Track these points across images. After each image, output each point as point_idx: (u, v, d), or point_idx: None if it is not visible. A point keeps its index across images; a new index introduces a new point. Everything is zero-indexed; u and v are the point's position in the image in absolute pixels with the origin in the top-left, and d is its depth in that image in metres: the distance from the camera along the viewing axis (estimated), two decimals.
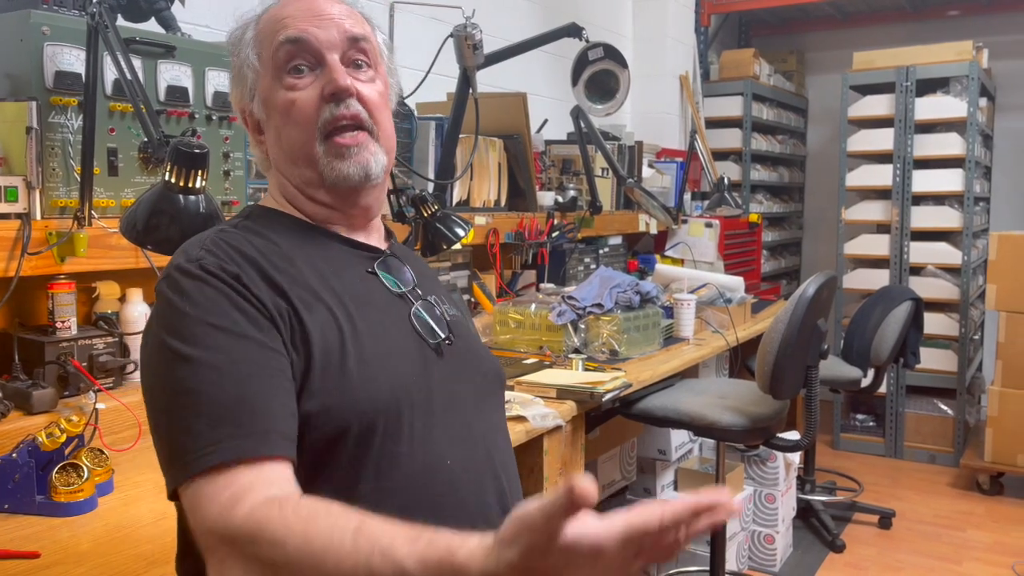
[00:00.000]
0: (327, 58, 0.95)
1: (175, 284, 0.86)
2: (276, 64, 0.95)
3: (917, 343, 3.51)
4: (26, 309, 1.62)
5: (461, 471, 0.93)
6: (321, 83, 0.95)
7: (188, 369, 0.81)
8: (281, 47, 0.95)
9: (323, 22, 0.96)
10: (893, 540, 3.48)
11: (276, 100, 0.96)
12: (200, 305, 0.84)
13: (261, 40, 0.97)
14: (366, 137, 0.96)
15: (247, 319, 0.84)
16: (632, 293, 2.49)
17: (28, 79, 1.52)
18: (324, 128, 0.94)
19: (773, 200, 5.29)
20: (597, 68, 2.75)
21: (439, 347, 0.99)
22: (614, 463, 2.77)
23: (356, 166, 0.95)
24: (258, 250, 0.91)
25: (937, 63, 4.36)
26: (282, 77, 0.95)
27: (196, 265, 0.87)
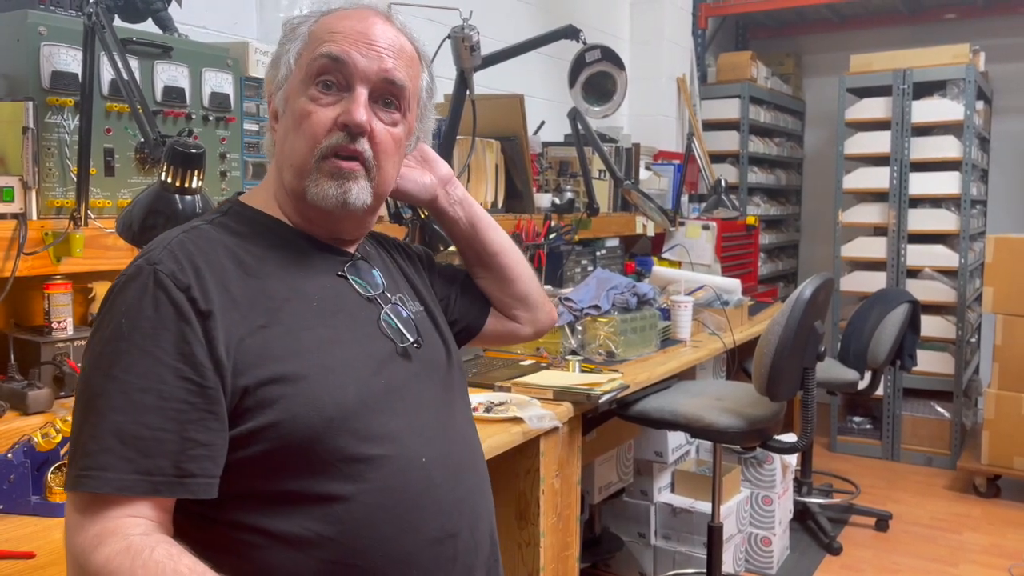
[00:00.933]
0: (356, 88, 0.95)
1: (125, 286, 0.87)
2: (310, 71, 0.96)
3: (914, 346, 3.52)
4: (22, 309, 1.62)
5: (437, 468, 0.95)
6: (341, 108, 0.95)
7: (102, 383, 0.83)
8: (319, 58, 0.95)
9: (370, 51, 0.96)
10: (890, 542, 3.48)
11: (296, 105, 0.96)
12: (134, 319, 0.84)
13: (309, 41, 0.97)
14: (360, 169, 0.96)
15: (177, 343, 0.84)
16: (629, 295, 2.49)
17: (24, 79, 1.52)
18: (326, 150, 0.95)
19: (770, 203, 5.30)
20: (594, 70, 2.75)
21: (407, 350, 1.01)
22: (611, 465, 2.77)
23: (338, 189, 0.95)
24: (227, 253, 0.92)
25: (934, 66, 4.37)
26: (309, 86, 0.96)
27: (151, 270, 0.86)
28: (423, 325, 1.08)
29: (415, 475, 0.93)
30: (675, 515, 2.92)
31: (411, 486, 0.92)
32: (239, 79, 1.87)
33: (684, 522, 2.91)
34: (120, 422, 0.81)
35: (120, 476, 0.80)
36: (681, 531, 2.92)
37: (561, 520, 1.95)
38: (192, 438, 0.82)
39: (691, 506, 2.90)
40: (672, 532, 2.94)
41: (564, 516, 1.96)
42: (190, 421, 0.82)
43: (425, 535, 0.93)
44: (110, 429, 0.81)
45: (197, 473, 0.83)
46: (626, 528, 3.01)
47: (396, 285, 1.09)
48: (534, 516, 1.87)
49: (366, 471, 0.89)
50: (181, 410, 0.82)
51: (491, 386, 2.03)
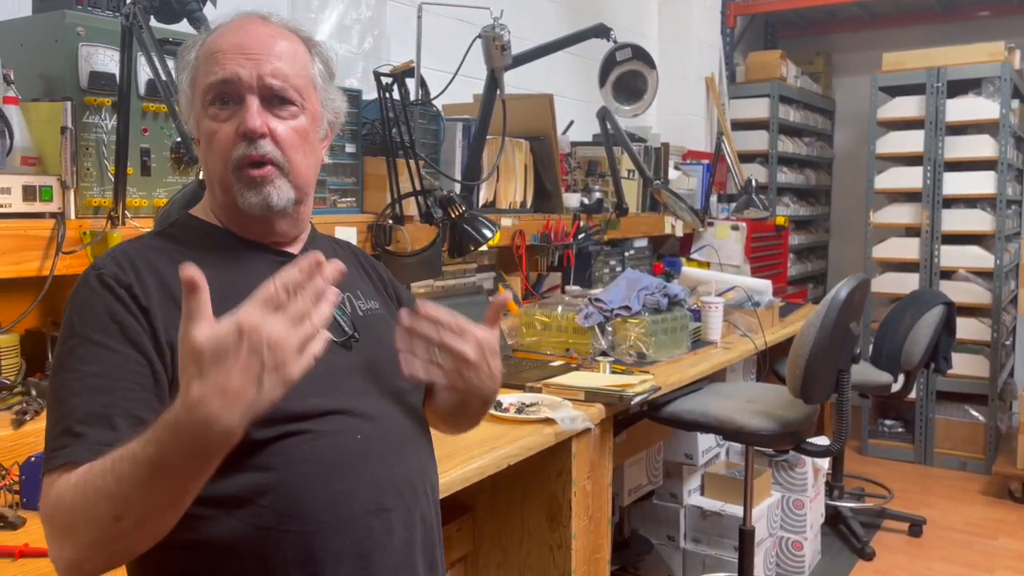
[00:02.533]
0: (246, 98, 1.01)
1: (76, 291, 0.96)
2: (205, 96, 1.02)
3: (949, 348, 3.46)
4: (59, 308, 1.63)
5: (373, 445, 1.00)
6: (238, 120, 1.01)
7: (62, 376, 0.91)
8: (210, 88, 1.01)
9: (247, 61, 1.00)
10: (924, 548, 3.42)
11: (203, 127, 1.03)
12: (84, 316, 0.93)
13: (197, 67, 1.04)
14: (273, 171, 1.02)
15: (122, 331, 0.92)
16: (660, 295, 2.47)
17: (63, 79, 1.53)
18: (236, 163, 1.01)
19: (800, 203, 5.24)
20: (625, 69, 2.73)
21: (347, 343, 1.06)
22: (640, 467, 2.75)
23: (259, 196, 1.01)
24: (168, 257, 0.99)
25: (969, 64, 4.30)
26: (208, 106, 1.02)
27: (96, 274, 0.96)
28: (373, 323, 1.12)
29: (350, 448, 0.97)
30: (705, 518, 2.90)
31: (344, 458, 0.96)
32: None
33: (714, 525, 2.88)
34: (75, 404, 0.88)
35: (75, 450, 0.85)
36: (711, 534, 2.89)
37: (592, 522, 1.93)
38: (139, 416, 0.88)
39: (721, 509, 2.87)
40: (702, 535, 2.91)
41: (595, 518, 1.94)
42: (137, 400, 0.89)
43: (359, 505, 0.97)
44: (68, 412, 0.88)
45: None
46: (655, 531, 2.98)
47: (347, 285, 1.12)
48: (566, 518, 1.86)
49: (300, 443, 0.95)
50: (130, 389, 0.90)
51: (522, 387, 2.02)
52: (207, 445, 0.75)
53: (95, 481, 0.80)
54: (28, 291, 1.52)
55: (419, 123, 2.29)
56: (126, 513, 0.79)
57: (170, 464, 0.76)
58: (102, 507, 0.79)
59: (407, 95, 2.15)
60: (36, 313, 1.56)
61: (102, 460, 0.81)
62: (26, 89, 1.57)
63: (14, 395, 1.47)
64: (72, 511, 0.81)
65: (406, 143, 2.10)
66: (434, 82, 2.38)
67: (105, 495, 0.79)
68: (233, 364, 0.73)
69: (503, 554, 1.95)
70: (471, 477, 1.52)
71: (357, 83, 2.53)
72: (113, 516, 0.79)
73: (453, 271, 2.53)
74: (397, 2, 2.81)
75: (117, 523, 0.79)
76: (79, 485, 0.82)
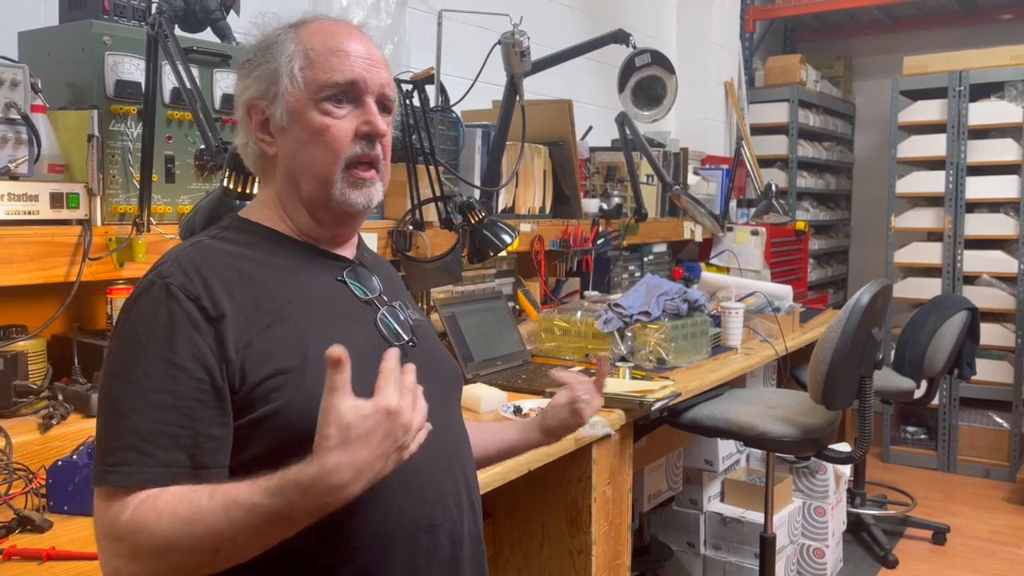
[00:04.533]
0: (367, 100, 1.03)
1: (140, 298, 0.94)
2: (322, 91, 1.01)
3: (973, 354, 3.42)
4: (86, 313, 1.66)
5: (424, 461, 0.98)
6: (357, 120, 1.02)
7: (122, 387, 0.90)
8: (333, 86, 1.01)
9: (372, 67, 1.03)
10: (947, 556, 3.39)
11: (310, 119, 1.01)
12: (150, 328, 0.91)
13: (311, 60, 1.01)
14: (376, 176, 1.05)
15: (189, 347, 0.90)
16: (680, 301, 2.46)
17: (89, 88, 1.56)
18: (349, 160, 1.02)
19: (820, 207, 5.21)
20: (644, 74, 2.73)
21: (404, 349, 1.06)
22: (660, 473, 2.74)
23: (364, 197, 1.03)
24: (231, 263, 0.98)
25: (991, 67, 4.26)
26: (320, 101, 1.01)
27: (163, 283, 0.93)
28: (422, 331, 1.13)
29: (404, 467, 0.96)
30: (725, 524, 2.88)
31: (396, 475, 0.93)
32: None
33: (734, 532, 2.86)
34: (140, 421, 0.87)
35: (142, 470, 0.86)
36: (731, 541, 2.87)
37: (612, 528, 1.93)
38: (205, 432, 0.89)
39: (741, 516, 2.85)
40: (722, 542, 2.89)
41: (615, 524, 1.94)
42: (203, 418, 0.89)
43: (409, 522, 0.97)
44: (131, 428, 0.88)
45: (211, 464, 0.90)
46: (675, 537, 2.97)
47: (396, 293, 1.15)
48: (586, 524, 1.86)
49: None
50: (194, 408, 0.89)
51: (541, 392, 2.02)
52: (328, 505, 0.81)
53: (203, 517, 0.83)
54: (55, 296, 1.54)
55: (439, 129, 2.30)
56: (228, 549, 0.84)
57: (288, 516, 0.82)
58: (207, 542, 0.83)
59: (427, 102, 2.16)
60: (63, 318, 1.58)
61: (208, 496, 0.84)
62: (53, 98, 1.59)
63: (41, 399, 1.49)
64: (167, 538, 0.83)
65: (426, 149, 2.11)
66: (454, 88, 2.39)
67: (213, 532, 0.82)
68: (375, 442, 0.80)
69: (523, 559, 1.95)
70: (492, 483, 1.52)
71: None
72: (213, 550, 0.83)
73: (472, 276, 2.53)
74: (417, 9, 2.83)
75: (215, 555, 0.84)
76: (179, 516, 0.83)
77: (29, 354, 1.51)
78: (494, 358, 2.26)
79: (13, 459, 1.33)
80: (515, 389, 2.06)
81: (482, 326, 2.29)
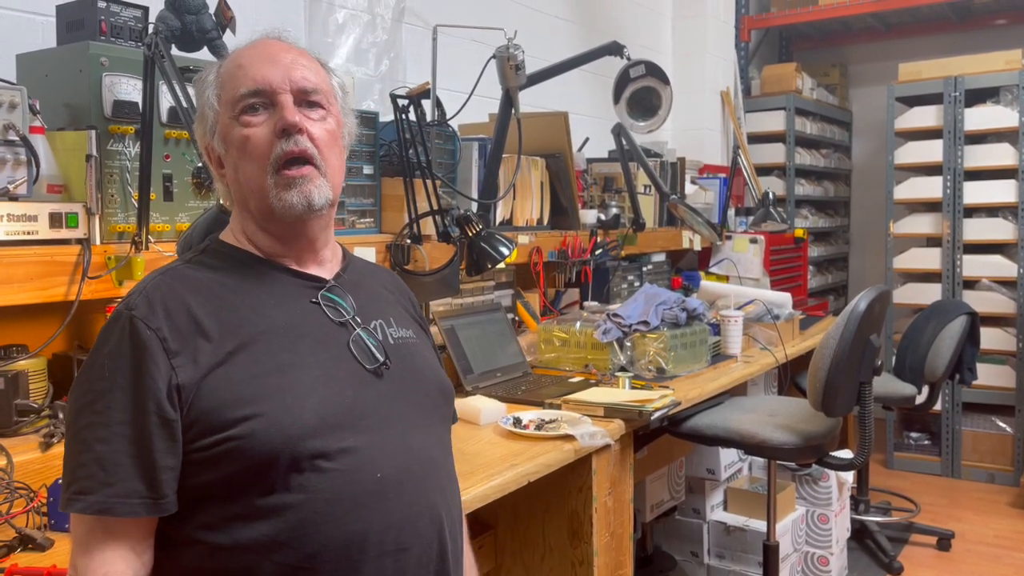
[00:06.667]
0: (279, 98, 1.02)
1: (108, 329, 0.98)
2: (234, 104, 1.03)
3: (973, 359, 3.42)
4: (86, 332, 1.66)
5: (393, 482, 0.99)
6: (273, 121, 1.02)
7: (87, 418, 0.94)
8: (242, 99, 1.02)
9: (277, 67, 1.03)
10: (953, 562, 3.37)
11: (234, 136, 1.03)
12: (114, 360, 0.95)
13: (223, 83, 1.05)
14: (312, 171, 1.03)
15: (147, 380, 0.93)
16: (678, 310, 2.46)
17: (87, 108, 1.57)
18: (276, 163, 1.01)
19: (818, 215, 5.22)
20: (639, 85, 2.75)
21: (377, 371, 1.06)
22: (662, 483, 2.74)
23: (300, 195, 1.02)
24: (200, 291, 1.00)
25: (986, 73, 4.27)
26: (238, 116, 1.03)
27: (128, 315, 0.96)
28: (405, 349, 1.12)
29: (367, 488, 0.97)
30: (728, 533, 2.87)
31: (360, 498, 0.97)
32: None
33: (738, 541, 2.85)
34: (102, 452, 0.92)
35: (103, 499, 0.91)
36: (735, 550, 2.86)
37: (614, 539, 1.93)
38: (162, 464, 0.93)
39: (745, 524, 2.84)
40: (726, 551, 2.89)
41: (617, 534, 1.94)
42: (161, 450, 0.93)
43: (373, 546, 0.97)
44: (94, 458, 0.92)
45: (168, 494, 0.94)
46: (679, 547, 2.96)
47: (380, 309, 1.13)
48: (587, 535, 1.86)
49: (317, 482, 0.95)
50: (154, 440, 0.93)
51: (541, 403, 2.02)
52: None
53: None
54: (55, 316, 1.55)
55: (435, 143, 2.31)
56: None
57: None
58: None
59: (423, 116, 2.18)
60: (63, 337, 1.59)
61: None
62: (51, 118, 1.61)
63: (41, 418, 1.50)
64: None
65: (423, 163, 2.12)
66: (450, 103, 2.41)
67: None
68: None
69: (525, 571, 1.95)
70: (492, 494, 1.52)
71: (374, 105, 2.56)
72: None
73: (471, 289, 2.54)
74: (412, 25, 2.85)
75: None
76: None
77: (30, 373, 1.52)
78: (494, 370, 2.27)
79: (14, 478, 1.33)
80: (515, 400, 2.06)
81: (481, 338, 2.30)
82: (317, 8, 2.53)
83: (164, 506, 0.94)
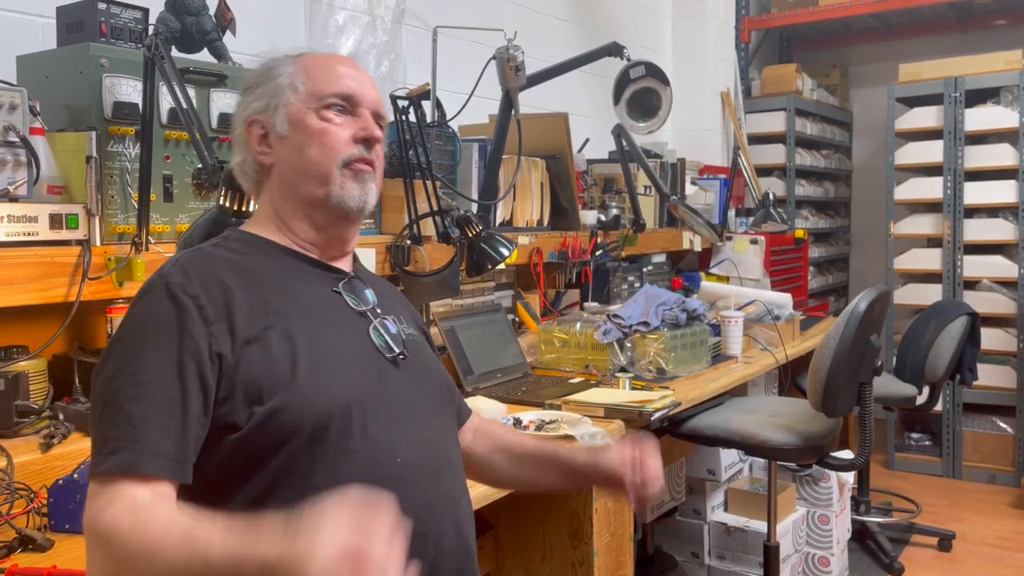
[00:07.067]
0: (363, 112, 1.10)
1: (141, 298, 0.98)
2: (320, 97, 1.08)
3: (974, 359, 3.41)
4: (86, 333, 1.67)
5: (411, 469, 1.02)
6: (354, 127, 1.09)
7: (120, 381, 0.92)
8: (333, 95, 1.08)
9: (366, 88, 1.12)
10: (954, 563, 3.37)
11: (309, 124, 1.07)
12: (149, 325, 0.95)
13: (310, 74, 1.09)
14: (372, 171, 1.11)
15: (187, 343, 0.93)
16: (678, 310, 2.46)
17: (87, 110, 1.57)
18: (347, 159, 1.08)
19: (819, 215, 5.22)
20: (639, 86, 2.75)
21: (395, 360, 1.09)
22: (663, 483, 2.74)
23: (361, 191, 1.08)
24: (230, 269, 1.02)
25: (986, 73, 4.27)
26: (319, 109, 1.08)
27: (164, 283, 0.97)
28: (415, 346, 1.16)
29: (387, 471, 0.99)
30: (729, 534, 2.87)
31: (383, 481, 0.96)
32: None
33: (738, 541, 2.85)
34: (133, 412, 0.90)
35: (131, 457, 0.88)
36: (736, 551, 2.86)
37: (614, 539, 1.93)
38: (192, 427, 0.92)
39: (745, 525, 2.84)
40: (726, 552, 2.88)
41: (617, 535, 1.94)
42: (192, 413, 0.92)
43: None
44: (125, 418, 0.90)
45: (191, 460, 0.92)
46: (679, 548, 2.96)
47: (391, 307, 1.17)
48: (587, 535, 1.86)
49: (343, 461, 0.97)
50: (187, 403, 0.92)
51: (541, 404, 2.02)
52: None
53: (166, 552, 0.81)
54: (55, 317, 1.55)
55: (435, 144, 2.32)
56: None
57: None
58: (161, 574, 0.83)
59: (423, 117, 2.18)
60: (63, 338, 1.59)
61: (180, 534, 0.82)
62: (52, 120, 1.61)
63: (42, 419, 1.50)
64: (129, 557, 0.83)
65: (423, 164, 2.12)
66: (450, 104, 2.41)
67: (168, 571, 0.82)
68: None
69: (525, 572, 1.95)
70: (492, 495, 1.52)
71: None
72: None
73: (471, 290, 2.54)
74: (412, 26, 2.85)
75: None
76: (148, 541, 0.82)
77: (30, 374, 1.52)
78: (494, 370, 2.27)
79: (14, 479, 1.33)
80: (515, 401, 2.06)
81: (482, 339, 2.30)
82: (317, 9, 2.53)
83: (184, 472, 0.92)
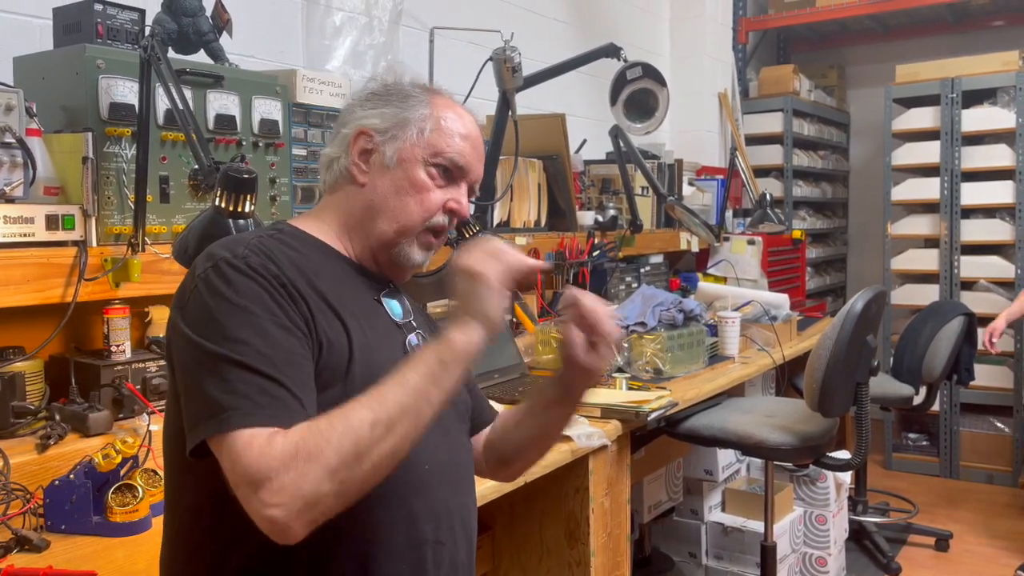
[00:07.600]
0: (462, 185, 1.13)
1: (222, 274, 0.94)
2: (435, 153, 1.09)
3: (971, 359, 3.42)
4: (82, 334, 1.67)
5: (435, 477, 1.04)
6: (449, 195, 1.11)
7: (223, 345, 0.89)
8: (448, 160, 1.10)
9: (477, 161, 1.14)
10: (951, 563, 3.38)
11: (415, 172, 1.09)
12: (247, 295, 0.92)
13: (438, 126, 1.11)
14: (440, 245, 1.15)
15: (286, 314, 0.93)
16: (675, 311, 2.47)
17: (84, 111, 1.57)
18: (431, 225, 1.10)
19: (816, 216, 5.23)
20: (636, 87, 2.75)
21: None
22: (660, 484, 2.74)
23: (424, 259, 1.12)
24: (290, 259, 1.01)
25: (983, 74, 4.28)
26: (429, 164, 1.10)
27: (243, 262, 0.95)
28: None
29: (415, 475, 1.00)
30: (726, 534, 2.88)
31: (410, 486, 1.00)
32: (287, 106, 1.91)
33: (736, 541, 2.86)
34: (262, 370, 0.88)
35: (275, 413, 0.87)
36: (733, 551, 2.87)
37: (611, 539, 1.93)
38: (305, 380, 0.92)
39: (743, 525, 2.85)
40: (724, 552, 2.89)
41: (614, 535, 1.94)
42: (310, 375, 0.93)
43: (420, 533, 1.01)
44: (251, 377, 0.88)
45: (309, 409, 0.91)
46: (676, 548, 2.97)
47: (421, 321, 1.20)
48: (584, 535, 1.86)
49: None
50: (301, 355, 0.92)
51: None
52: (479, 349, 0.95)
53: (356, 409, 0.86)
54: (51, 317, 1.55)
55: None
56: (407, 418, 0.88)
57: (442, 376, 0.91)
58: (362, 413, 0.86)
59: None
60: (59, 339, 1.59)
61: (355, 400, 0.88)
62: (48, 121, 1.61)
63: (38, 420, 1.50)
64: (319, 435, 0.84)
65: None
66: None
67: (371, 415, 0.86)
68: None
69: (522, 572, 1.95)
70: (489, 495, 1.52)
71: None
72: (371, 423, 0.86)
73: None
74: (409, 27, 2.85)
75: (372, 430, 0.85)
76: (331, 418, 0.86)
77: (26, 375, 1.52)
78: (491, 371, 2.27)
79: (11, 479, 1.34)
80: (513, 402, 2.06)
81: None
82: (314, 11, 2.53)
83: None
